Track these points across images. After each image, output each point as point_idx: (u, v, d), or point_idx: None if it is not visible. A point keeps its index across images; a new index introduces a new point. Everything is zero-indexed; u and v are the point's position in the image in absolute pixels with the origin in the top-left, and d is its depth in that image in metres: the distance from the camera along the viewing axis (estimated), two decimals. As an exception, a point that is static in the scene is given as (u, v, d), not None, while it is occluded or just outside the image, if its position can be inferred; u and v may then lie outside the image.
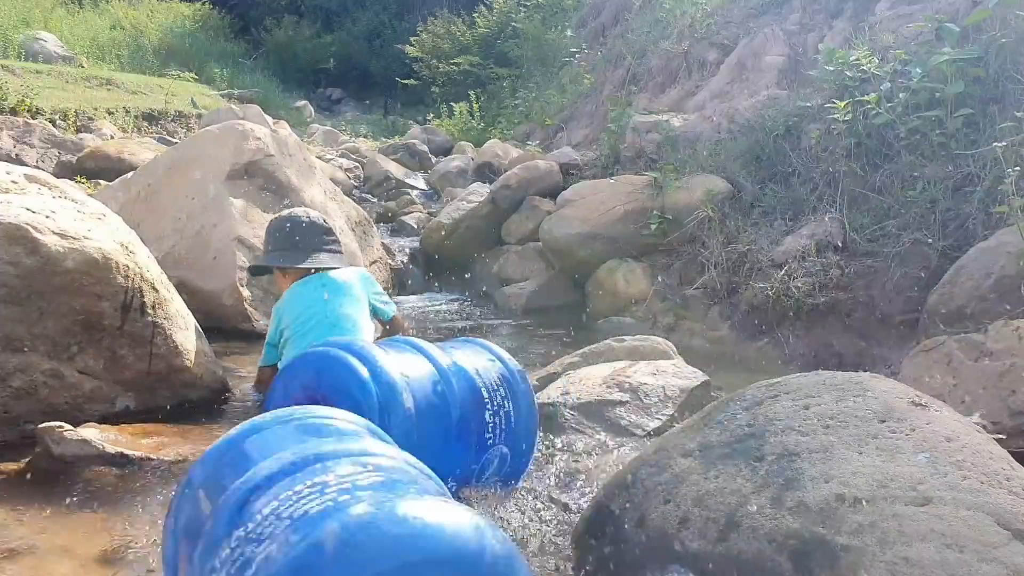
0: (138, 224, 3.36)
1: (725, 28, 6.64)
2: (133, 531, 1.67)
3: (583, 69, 8.75)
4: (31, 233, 1.97)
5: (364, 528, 0.84)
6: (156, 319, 2.28)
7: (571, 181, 5.52)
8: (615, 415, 2.38)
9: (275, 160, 3.91)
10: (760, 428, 1.65)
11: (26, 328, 2.01)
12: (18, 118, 6.96)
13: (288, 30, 18.22)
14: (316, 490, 0.93)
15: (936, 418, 1.61)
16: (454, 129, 11.06)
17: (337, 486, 0.94)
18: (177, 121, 9.61)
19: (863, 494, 1.42)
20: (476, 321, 4.50)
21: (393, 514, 0.86)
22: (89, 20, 14.18)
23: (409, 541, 0.85)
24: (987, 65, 3.66)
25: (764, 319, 3.83)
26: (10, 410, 2.03)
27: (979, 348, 2.48)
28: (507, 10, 13.24)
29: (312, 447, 1.03)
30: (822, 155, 4.26)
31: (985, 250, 2.99)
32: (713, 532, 1.50)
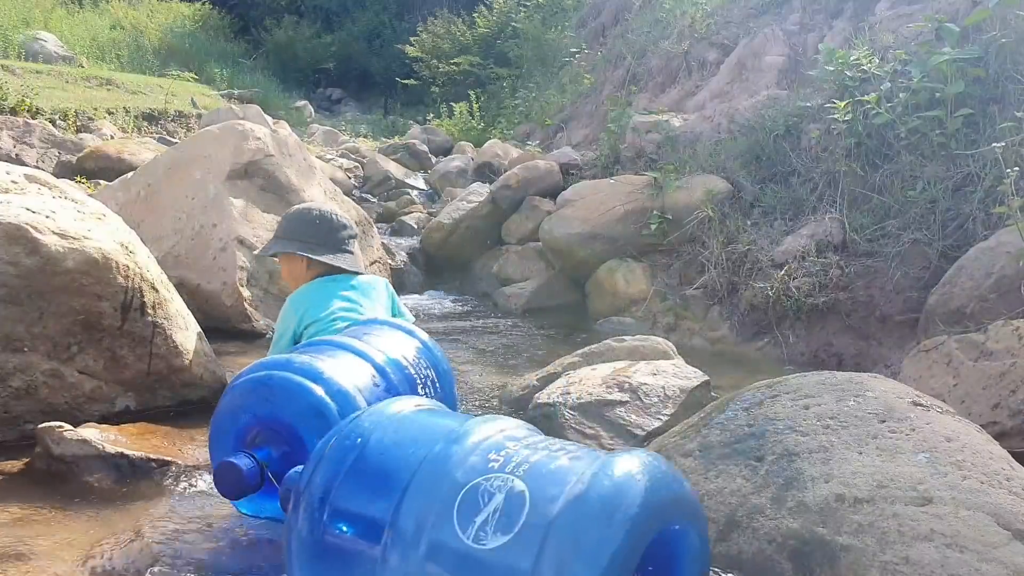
0: (138, 224, 3.36)
1: (725, 28, 6.64)
2: (133, 531, 1.67)
3: (583, 69, 8.75)
4: (31, 233, 1.97)
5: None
6: (156, 319, 2.28)
7: (571, 181, 5.52)
8: (615, 415, 2.38)
9: (275, 160, 3.91)
10: (760, 428, 1.65)
11: (26, 328, 2.01)
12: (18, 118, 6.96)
13: (288, 30, 18.22)
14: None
15: (936, 418, 1.61)
16: (454, 129, 11.06)
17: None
18: (177, 121, 9.60)
19: (863, 494, 1.42)
20: (476, 321, 4.50)
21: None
22: (89, 20, 14.18)
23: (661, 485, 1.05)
24: (987, 65, 3.66)
25: (764, 319, 3.83)
26: (10, 410, 2.03)
27: (979, 348, 2.48)
28: (507, 10, 13.24)
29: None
30: (822, 155, 4.26)
31: (985, 250, 2.99)
32: (713, 532, 1.50)
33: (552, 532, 0.98)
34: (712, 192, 4.41)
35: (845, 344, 3.54)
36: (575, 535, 0.97)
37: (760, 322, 3.86)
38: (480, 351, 3.71)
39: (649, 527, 1.02)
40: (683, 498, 1.12)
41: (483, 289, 5.33)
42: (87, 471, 1.88)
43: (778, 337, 3.72)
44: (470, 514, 1.05)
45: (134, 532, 1.66)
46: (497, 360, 3.52)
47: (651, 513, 1.02)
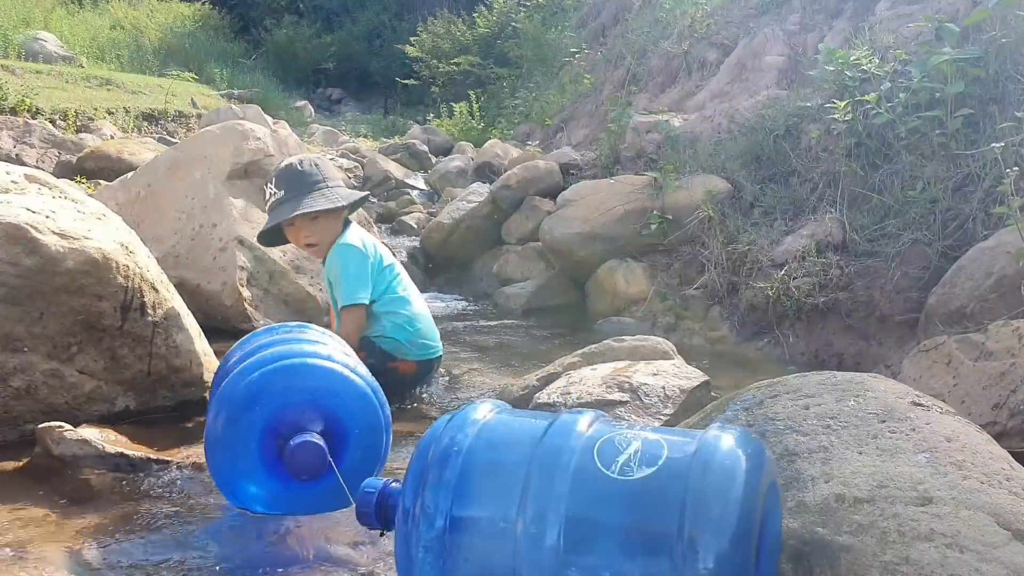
0: (138, 224, 3.36)
1: (725, 28, 6.64)
2: (133, 531, 1.67)
3: (583, 69, 8.75)
4: (31, 233, 1.98)
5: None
6: (156, 319, 2.28)
7: (571, 181, 5.52)
8: (615, 415, 2.38)
9: (275, 160, 3.90)
10: (760, 428, 1.65)
11: (26, 328, 2.02)
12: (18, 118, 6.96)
13: (288, 30, 18.23)
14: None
15: (936, 418, 1.61)
16: (454, 129, 11.06)
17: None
18: (177, 121, 9.61)
19: (863, 494, 1.42)
20: (476, 321, 4.50)
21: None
22: (89, 20, 14.18)
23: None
24: (987, 65, 3.66)
25: (764, 319, 3.83)
26: (10, 410, 2.03)
27: (979, 348, 2.48)
28: (507, 10, 13.24)
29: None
30: (822, 155, 4.26)
31: (985, 250, 2.99)
32: (713, 532, 1.50)
33: (695, 463, 1.06)
34: (712, 192, 4.41)
35: (845, 344, 3.54)
36: (713, 468, 1.07)
37: (760, 322, 3.86)
38: (480, 351, 3.71)
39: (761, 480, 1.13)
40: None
41: (483, 289, 5.33)
42: (87, 471, 1.89)
43: (778, 337, 3.73)
44: (611, 456, 1.10)
45: (134, 532, 1.66)
46: (497, 360, 3.52)
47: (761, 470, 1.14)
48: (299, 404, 1.63)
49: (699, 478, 1.05)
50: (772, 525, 1.19)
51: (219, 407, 1.65)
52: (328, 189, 2.50)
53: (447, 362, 3.09)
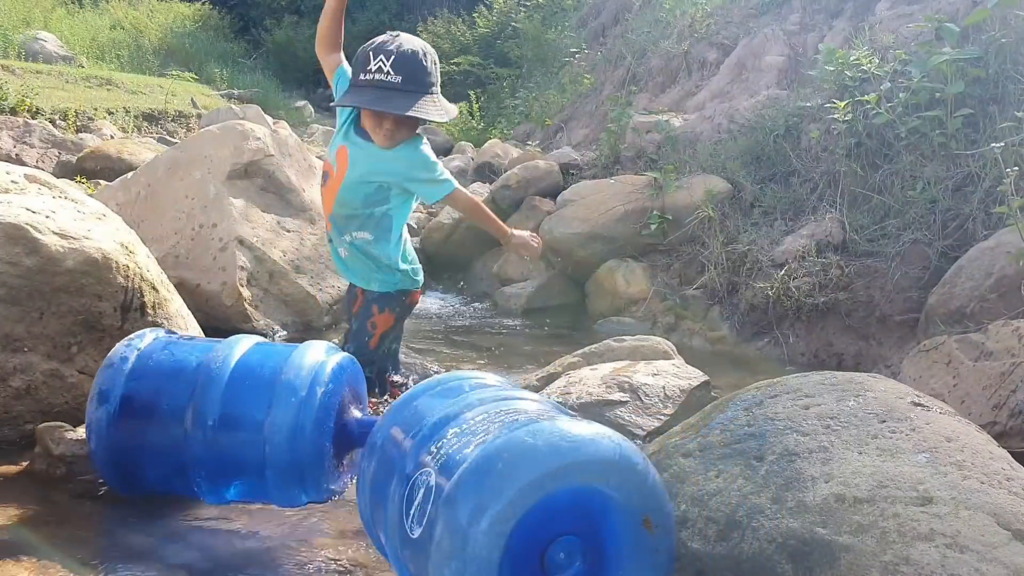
0: (138, 224, 3.36)
1: (725, 28, 6.64)
2: (133, 531, 1.67)
3: (583, 69, 8.75)
4: (31, 233, 1.98)
5: (535, 434, 1.14)
6: (156, 319, 2.28)
7: (571, 181, 5.51)
8: (615, 415, 2.38)
9: (275, 160, 3.91)
10: (760, 428, 1.65)
11: (26, 328, 2.02)
12: (18, 118, 6.96)
13: (288, 30, 18.21)
14: (490, 419, 1.25)
15: (936, 418, 1.61)
16: (454, 129, 11.05)
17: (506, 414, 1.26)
18: (177, 121, 9.60)
19: (863, 494, 1.42)
20: (476, 321, 4.50)
21: (553, 427, 1.16)
22: (89, 20, 14.18)
23: (565, 447, 1.13)
24: (987, 65, 3.66)
25: (764, 319, 3.83)
26: (10, 410, 2.03)
27: (979, 348, 2.48)
28: (507, 10, 13.23)
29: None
30: (822, 155, 4.26)
31: (985, 250, 2.99)
32: (713, 532, 1.50)
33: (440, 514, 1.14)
34: (712, 192, 4.41)
35: (845, 344, 3.54)
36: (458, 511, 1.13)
37: (760, 322, 3.86)
38: (480, 351, 3.71)
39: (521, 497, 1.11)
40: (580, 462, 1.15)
41: (483, 289, 5.33)
42: (87, 471, 1.88)
43: (778, 337, 3.73)
44: (409, 507, 1.23)
45: (134, 531, 1.66)
46: (497, 360, 3.52)
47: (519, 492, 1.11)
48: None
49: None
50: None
51: None
52: (439, 98, 2.29)
53: (447, 362, 3.09)
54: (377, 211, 2.37)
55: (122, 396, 1.67)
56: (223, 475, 1.67)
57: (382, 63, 2.24)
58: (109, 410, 1.66)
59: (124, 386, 1.67)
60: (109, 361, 1.72)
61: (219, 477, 1.67)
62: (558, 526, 1.15)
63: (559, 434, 1.15)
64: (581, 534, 1.16)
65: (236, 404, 1.65)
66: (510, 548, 1.09)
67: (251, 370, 1.69)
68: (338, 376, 1.71)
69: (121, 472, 1.72)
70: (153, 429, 1.69)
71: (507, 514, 1.08)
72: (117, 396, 1.67)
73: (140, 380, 1.69)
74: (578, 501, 1.14)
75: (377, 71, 2.24)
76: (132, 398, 1.68)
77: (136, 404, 1.68)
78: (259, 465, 1.61)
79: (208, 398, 1.64)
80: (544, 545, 1.14)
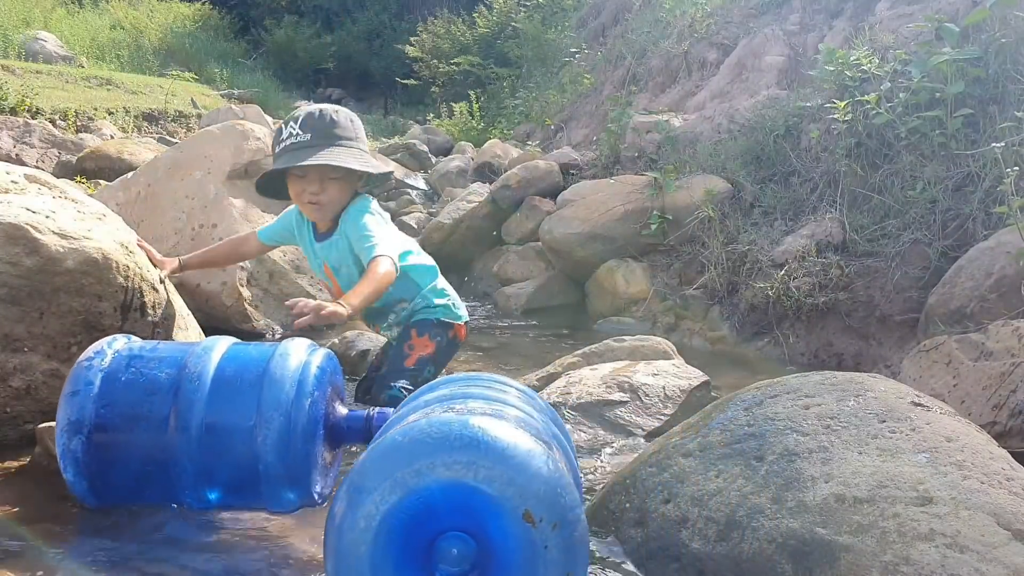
0: (138, 224, 3.37)
1: (725, 28, 6.64)
2: (134, 530, 1.67)
3: (583, 69, 8.75)
4: (31, 233, 1.97)
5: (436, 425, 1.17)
6: (156, 319, 2.28)
7: (571, 181, 5.52)
8: (615, 415, 2.38)
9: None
10: (760, 428, 1.65)
11: (26, 328, 2.01)
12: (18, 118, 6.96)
13: (288, 30, 18.23)
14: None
15: (936, 418, 1.61)
16: (454, 129, 11.06)
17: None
18: (177, 121, 9.61)
19: (863, 494, 1.42)
20: (476, 321, 4.50)
21: (431, 423, 1.18)
22: (89, 20, 14.18)
23: (428, 443, 1.15)
24: (987, 65, 3.66)
25: (764, 319, 3.83)
26: (10, 410, 2.03)
27: (979, 348, 2.48)
28: (507, 10, 13.24)
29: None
30: (822, 155, 4.26)
31: (985, 250, 2.99)
32: (713, 532, 1.50)
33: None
34: (712, 192, 4.41)
35: (845, 344, 3.54)
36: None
37: (760, 322, 3.86)
38: (480, 351, 3.71)
39: None
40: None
41: (483, 289, 5.33)
42: (87, 471, 1.88)
43: (778, 337, 3.72)
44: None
45: (135, 531, 1.66)
46: (497, 360, 3.52)
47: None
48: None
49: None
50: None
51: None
52: (359, 151, 2.22)
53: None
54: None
55: (95, 424, 1.58)
56: (207, 482, 1.61)
57: (292, 128, 2.22)
58: (83, 439, 1.58)
59: (95, 413, 1.58)
60: (74, 389, 1.61)
61: (202, 483, 1.61)
62: (441, 522, 1.16)
63: (428, 430, 1.17)
64: (467, 530, 1.16)
65: (221, 413, 1.59)
66: (384, 544, 1.13)
67: (230, 382, 1.61)
68: (321, 380, 1.64)
69: (94, 488, 1.64)
70: (131, 445, 1.61)
71: (371, 511, 1.13)
72: (89, 425, 1.58)
73: (110, 406, 1.60)
74: (454, 496, 1.14)
75: (288, 136, 2.22)
76: (105, 425, 1.59)
77: (109, 430, 1.60)
78: (251, 476, 1.57)
79: (191, 414, 1.57)
80: (430, 540, 1.17)
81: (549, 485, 1.14)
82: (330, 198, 2.23)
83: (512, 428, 1.20)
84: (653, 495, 1.65)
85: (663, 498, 1.63)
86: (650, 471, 1.71)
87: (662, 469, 1.69)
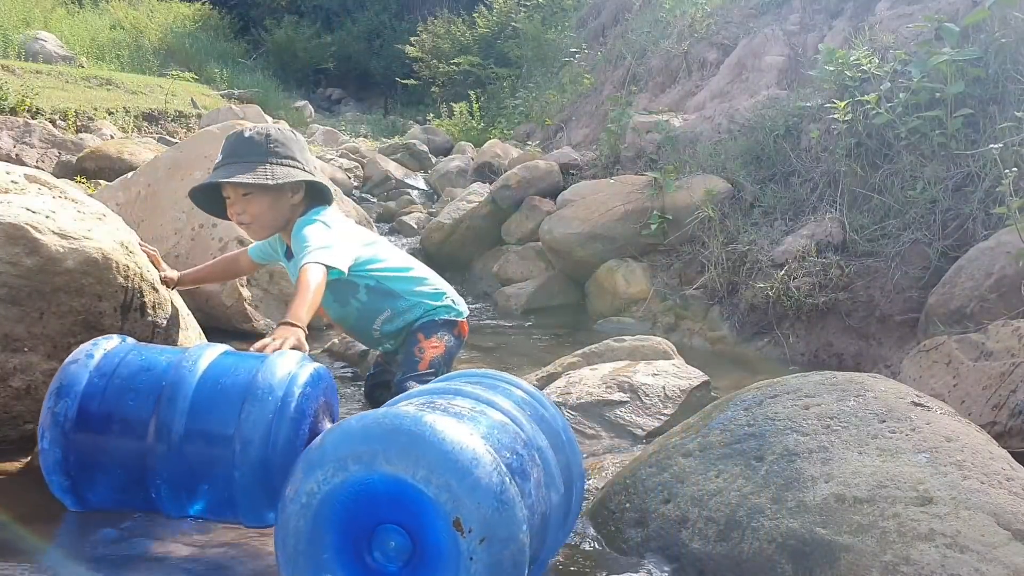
0: (138, 224, 3.36)
1: (725, 28, 6.64)
2: (134, 530, 1.67)
3: (583, 69, 8.75)
4: (31, 233, 1.97)
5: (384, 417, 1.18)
6: (156, 319, 2.28)
7: (571, 181, 5.52)
8: (615, 415, 2.38)
9: (275, 160, 3.90)
10: (760, 428, 1.65)
11: (26, 328, 2.01)
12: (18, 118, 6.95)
13: (288, 30, 18.22)
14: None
15: (936, 418, 1.61)
16: (454, 129, 11.06)
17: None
18: (177, 121, 9.60)
19: (863, 494, 1.42)
20: (476, 321, 4.50)
21: (386, 414, 1.19)
22: (89, 20, 14.18)
23: (376, 432, 1.15)
24: (987, 65, 3.66)
25: (764, 319, 3.83)
26: (10, 410, 2.03)
27: (979, 348, 2.48)
28: (507, 10, 13.24)
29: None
30: (822, 155, 4.26)
31: (985, 250, 2.99)
32: (713, 532, 1.50)
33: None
34: (712, 192, 4.41)
35: (845, 344, 3.54)
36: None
37: (760, 322, 3.86)
38: (480, 351, 3.71)
39: None
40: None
41: (483, 289, 5.33)
42: (87, 471, 1.88)
43: (778, 337, 3.73)
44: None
45: (135, 531, 1.66)
46: (497, 360, 3.52)
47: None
48: None
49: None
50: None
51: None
52: (269, 166, 2.12)
53: (447, 362, 3.08)
54: (361, 297, 2.35)
55: (74, 460, 1.55)
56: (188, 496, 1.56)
57: (219, 154, 2.22)
58: (56, 458, 1.55)
59: (70, 444, 1.54)
60: (54, 420, 1.54)
61: (182, 497, 1.56)
62: (381, 512, 1.16)
63: (381, 420, 1.16)
64: (403, 525, 1.16)
65: (203, 421, 1.53)
66: (323, 522, 1.15)
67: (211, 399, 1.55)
68: (307, 398, 1.56)
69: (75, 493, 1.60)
70: (111, 451, 1.57)
71: (313, 489, 1.14)
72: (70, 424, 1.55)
73: (86, 432, 1.55)
74: (393, 489, 1.13)
75: (214, 163, 2.22)
76: (83, 458, 1.55)
77: (87, 457, 1.56)
78: (229, 493, 1.51)
79: (172, 427, 1.51)
80: (370, 529, 1.17)
81: (485, 498, 1.10)
82: (253, 215, 2.18)
83: (467, 433, 1.17)
84: (653, 495, 1.65)
85: (663, 498, 1.63)
86: (650, 471, 1.71)
87: (662, 469, 1.69)
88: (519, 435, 1.33)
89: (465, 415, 1.27)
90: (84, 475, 1.58)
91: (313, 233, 2.11)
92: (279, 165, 2.15)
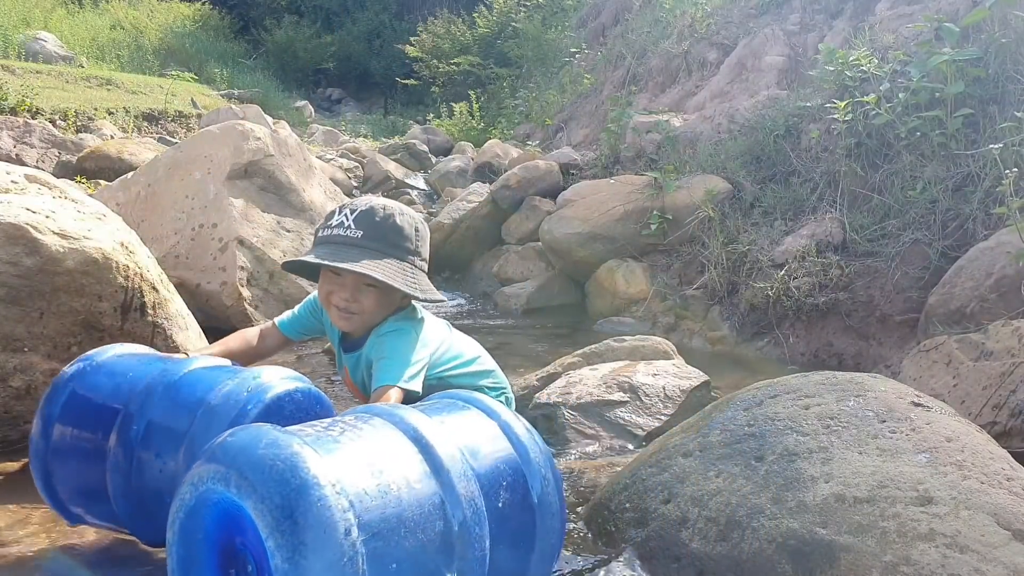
0: (138, 224, 3.37)
1: (725, 28, 6.65)
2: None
3: (583, 69, 8.76)
4: (31, 233, 1.97)
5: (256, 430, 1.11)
6: (156, 319, 2.28)
7: (571, 181, 5.52)
8: (615, 415, 2.38)
9: (275, 160, 3.91)
10: (760, 428, 1.65)
11: (26, 328, 2.01)
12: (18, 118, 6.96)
13: (288, 30, 18.24)
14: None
15: (936, 418, 1.61)
16: (454, 129, 11.07)
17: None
18: (177, 121, 9.61)
19: (863, 494, 1.42)
20: (476, 321, 4.50)
21: (282, 443, 1.08)
22: (89, 20, 14.19)
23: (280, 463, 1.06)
24: (987, 65, 3.66)
25: (764, 319, 3.83)
26: (10, 410, 2.03)
27: (979, 348, 2.48)
28: (507, 10, 13.25)
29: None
30: (822, 155, 4.26)
31: (985, 250, 2.99)
32: (713, 532, 1.50)
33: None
34: (712, 192, 4.41)
35: (845, 344, 3.54)
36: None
37: (760, 322, 3.86)
38: (480, 351, 3.70)
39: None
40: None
41: (483, 289, 5.33)
42: (87, 471, 1.88)
43: (778, 337, 3.73)
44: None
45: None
46: (497, 360, 3.50)
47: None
48: None
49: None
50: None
51: None
52: (414, 269, 1.88)
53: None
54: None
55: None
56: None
57: (344, 216, 1.88)
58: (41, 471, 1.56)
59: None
60: (44, 435, 1.55)
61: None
62: (243, 532, 1.13)
63: (244, 438, 1.09)
64: (252, 549, 1.12)
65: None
66: (188, 532, 1.13)
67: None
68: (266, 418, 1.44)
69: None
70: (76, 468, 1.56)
71: (185, 498, 1.12)
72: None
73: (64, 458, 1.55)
74: (244, 512, 1.05)
75: (337, 224, 1.87)
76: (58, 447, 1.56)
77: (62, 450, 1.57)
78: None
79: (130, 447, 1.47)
80: (235, 545, 1.15)
81: (297, 519, 1.00)
82: (363, 309, 1.88)
83: (326, 467, 1.05)
84: (653, 495, 1.65)
85: (663, 498, 1.63)
86: (650, 471, 1.71)
87: (662, 469, 1.69)
88: (421, 473, 1.18)
89: (338, 442, 1.16)
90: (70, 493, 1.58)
91: (401, 347, 1.83)
92: (421, 270, 1.90)
